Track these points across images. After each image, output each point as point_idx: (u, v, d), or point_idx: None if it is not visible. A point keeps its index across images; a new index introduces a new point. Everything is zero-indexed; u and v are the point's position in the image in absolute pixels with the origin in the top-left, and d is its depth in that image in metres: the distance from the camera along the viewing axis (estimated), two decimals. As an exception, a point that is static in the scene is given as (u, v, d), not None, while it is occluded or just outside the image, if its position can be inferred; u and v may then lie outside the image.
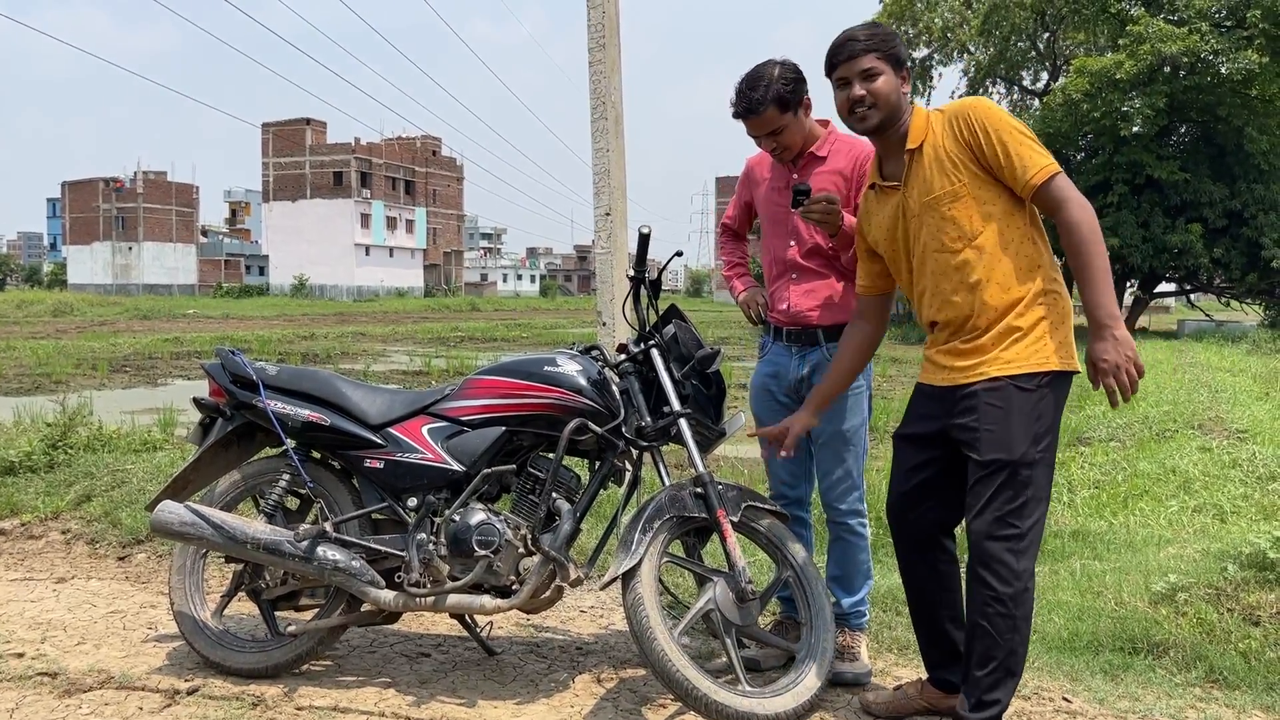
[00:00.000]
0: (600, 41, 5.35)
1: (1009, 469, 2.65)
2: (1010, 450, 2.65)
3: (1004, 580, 2.64)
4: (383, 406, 3.38)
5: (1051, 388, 2.69)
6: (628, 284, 3.37)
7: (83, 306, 41.74)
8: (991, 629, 2.67)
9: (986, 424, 2.68)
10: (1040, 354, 2.68)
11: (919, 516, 2.94)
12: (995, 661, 2.67)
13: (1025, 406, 2.66)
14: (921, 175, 2.76)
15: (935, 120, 2.76)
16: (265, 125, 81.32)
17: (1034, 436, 2.66)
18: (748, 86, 3.23)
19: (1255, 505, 6.15)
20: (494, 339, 26.36)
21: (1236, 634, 3.60)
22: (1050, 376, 2.69)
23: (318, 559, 3.20)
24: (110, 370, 15.86)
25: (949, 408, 2.78)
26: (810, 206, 3.05)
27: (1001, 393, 2.67)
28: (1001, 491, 2.66)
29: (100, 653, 3.53)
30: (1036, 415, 2.66)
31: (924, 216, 2.77)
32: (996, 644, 2.67)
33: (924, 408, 2.90)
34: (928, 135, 2.76)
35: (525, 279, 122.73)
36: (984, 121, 2.66)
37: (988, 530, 2.67)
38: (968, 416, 2.72)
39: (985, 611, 2.67)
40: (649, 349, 3.27)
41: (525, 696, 3.20)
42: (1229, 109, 25.02)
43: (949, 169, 2.71)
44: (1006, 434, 2.65)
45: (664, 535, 3.03)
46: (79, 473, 5.77)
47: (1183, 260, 26.40)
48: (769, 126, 3.25)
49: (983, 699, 2.69)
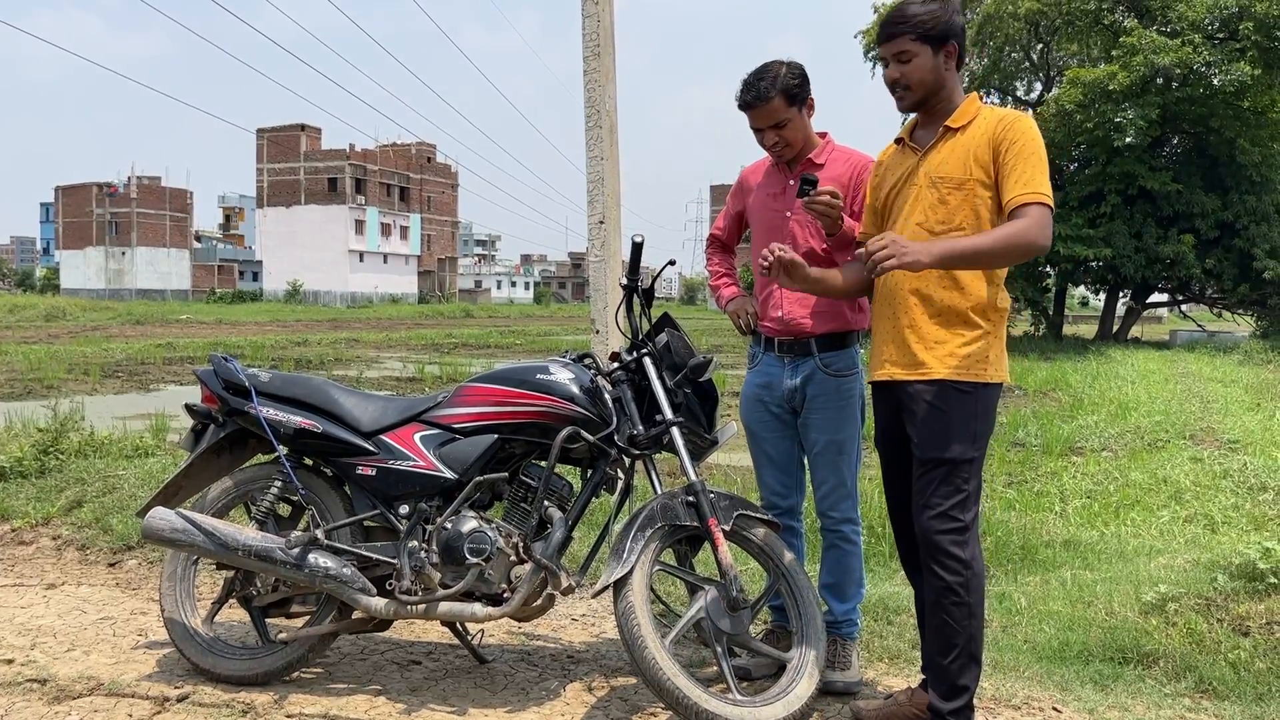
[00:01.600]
0: (595, 50, 5.37)
1: (947, 466, 2.77)
2: (946, 449, 2.77)
3: (953, 570, 2.76)
4: (375, 413, 3.38)
5: (986, 397, 2.82)
6: (621, 292, 3.38)
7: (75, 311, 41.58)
8: (949, 619, 2.78)
9: (926, 422, 2.81)
10: (977, 364, 2.80)
11: (907, 516, 3.00)
12: (957, 649, 2.79)
13: (963, 410, 2.78)
14: (944, 153, 2.83)
15: (986, 115, 2.81)
16: (260, 131, 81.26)
17: (970, 439, 2.78)
18: (756, 77, 3.27)
19: (1246, 515, 6.17)
20: (488, 346, 26.33)
21: (1226, 644, 3.61)
22: (984, 386, 2.81)
23: (309, 566, 3.19)
24: (102, 375, 15.81)
25: (895, 404, 2.91)
26: (816, 196, 3.04)
27: (941, 394, 2.79)
28: (940, 488, 2.78)
29: (90, 659, 3.52)
30: (972, 419, 2.79)
31: (925, 190, 2.84)
32: (956, 631, 2.78)
33: (880, 407, 3.02)
34: (971, 122, 2.81)
35: (520, 286, 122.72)
36: (1017, 133, 2.74)
37: (931, 525, 2.79)
38: (907, 413, 2.85)
39: (941, 603, 2.80)
40: (641, 357, 3.28)
41: (516, 704, 3.20)
42: (1221, 120, 25.11)
43: (969, 160, 2.78)
44: (944, 434, 2.78)
45: (656, 544, 3.03)
46: (70, 478, 5.76)
47: (1175, 271, 26.45)
48: (774, 118, 3.27)
49: (953, 685, 2.81)
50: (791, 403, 3.40)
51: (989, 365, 2.81)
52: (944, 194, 2.80)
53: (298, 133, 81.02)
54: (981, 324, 2.81)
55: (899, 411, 2.91)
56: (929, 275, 2.81)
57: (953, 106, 2.86)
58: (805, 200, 3.07)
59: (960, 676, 2.80)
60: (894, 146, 3.03)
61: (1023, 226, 2.65)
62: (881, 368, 2.94)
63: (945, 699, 2.81)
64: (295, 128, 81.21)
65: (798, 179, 3.37)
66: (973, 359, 2.79)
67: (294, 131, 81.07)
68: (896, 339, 2.89)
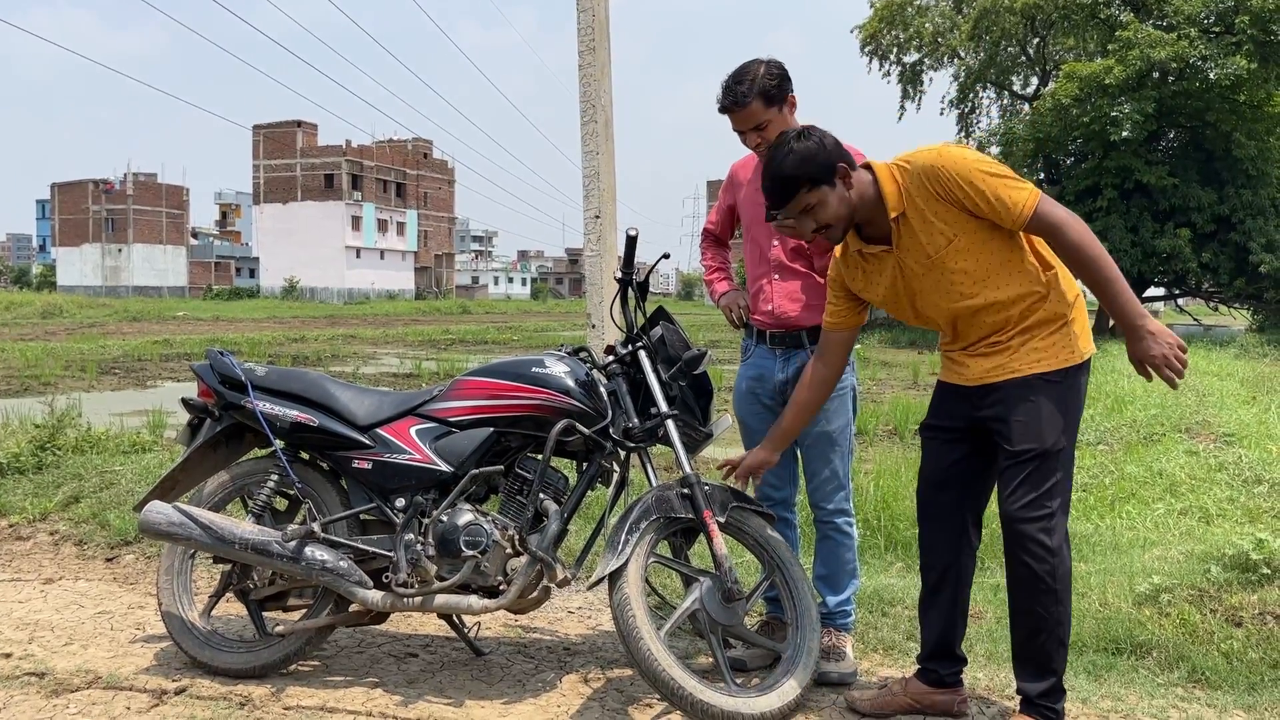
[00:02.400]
0: (590, 45, 5.37)
1: (1040, 457, 2.75)
2: (1041, 440, 2.75)
3: (1040, 559, 2.75)
4: (371, 407, 3.39)
5: (1074, 378, 2.80)
6: (616, 286, 3.39)
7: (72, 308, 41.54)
8: (1038, 606, 2.78)
9: (1017, 416, 2.78)
10: (1063, 350, 2.78)
11: (949, 501, 3.01)
12: (1045, 634, 2.79)
13: (1052, 398, 2.77)
14: (914, 237, 2.78)
15: (905, 179, 2.75)
16: (256, 127, 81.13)
17: (1061, 425, 2.77)
18: (734, 81, 3.26)
19: (1241, 508, 6.19)
20: (485, 341, 26.33)
21: (1219, 635, 3.63)
22: (1072, 369, 2.79)
23: (305, 559, 3.21)
24: (99, 372, 15.80)
25: (977, 402, 2.88)
26: None
27: (1030, 387, 2.77)
28: (1031, 476, 2.76)
29: (88, 653, 3.53)
30: (1063, 406, 2.78)
31: (929, 275, 2.82)
32: (1044, 618, 2.78)
33: (951, 404, 2.99)
34: (906, 199, 2.76)
35: (516, 282, 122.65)
36: (955, 178, 2.67)
37: (1019, 514, 2.77)
38: (998, 408, 2.82)
39: (1029, 590, 2.79)
40: (636, 350, 3.29)
41: (512, 696, 3.21)
42: (1217, 114, 25.15)
43: (939, 225, 2.74)
44: (1037, 425, 2.76)
45: (651, 536, 3.05)
46: (67, 474, 5.76)
47: (1171, 265, 26.51)
48: (753, 121, 3.27)
49: (1042, 667, 2.82)
50: (784, 395, 3.41)
51: (1073, 349, 2.78)
52: (950, 264, 2.76)
53: (294, 129, 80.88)
54: (1040, 314, 2.78)
55: (975, 408, 2.87)
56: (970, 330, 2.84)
57: (879, 202, 2.78)
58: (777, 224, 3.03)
59: (1051, 660, 2.80)
60: (854, 256, 2.96)
61: (1074, 236, 2.65)
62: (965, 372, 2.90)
63: (1034, 681, 2.82)
64: (291, 124, 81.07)
65: None
66: (1057, 347, 2.77)
67: (290, 128, 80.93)
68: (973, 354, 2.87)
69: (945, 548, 3.04)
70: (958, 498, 3.00)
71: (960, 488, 2.99)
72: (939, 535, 3.05)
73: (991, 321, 2.81)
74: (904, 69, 33.57)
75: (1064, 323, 2.80)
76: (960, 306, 2.82)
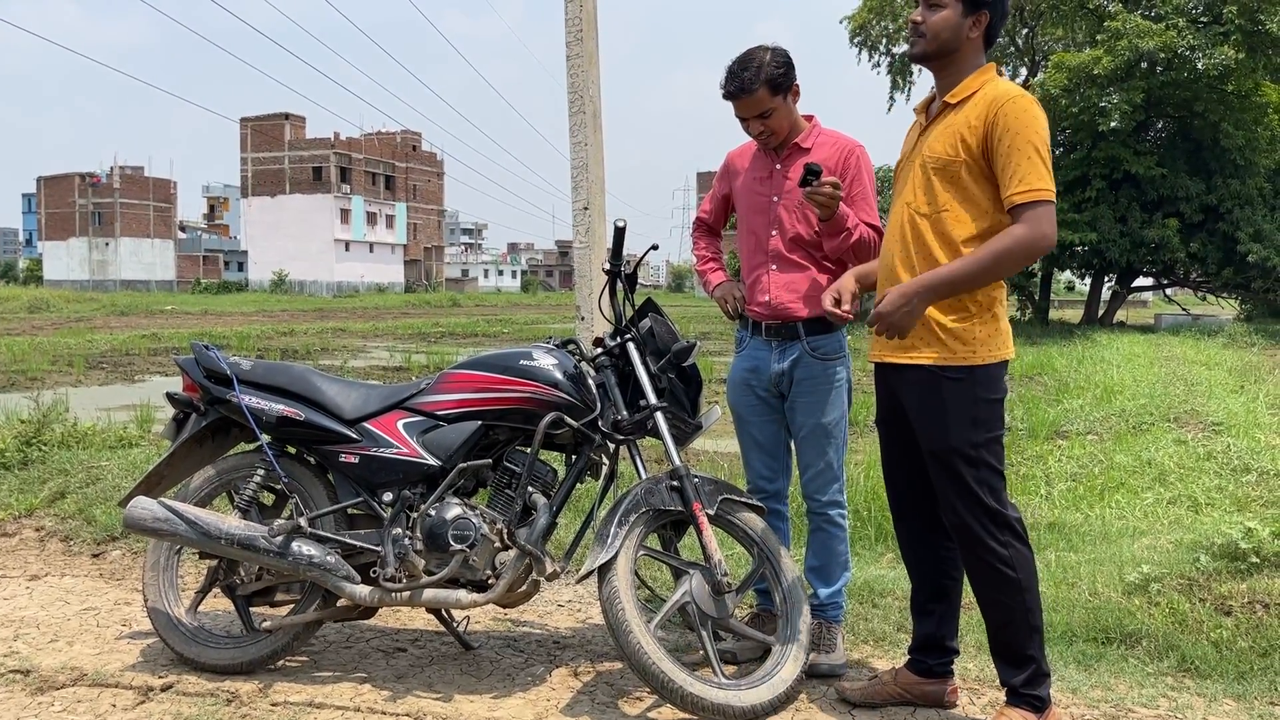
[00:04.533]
0: (578, 35, 5.34)
1: (950, 456, 2.72)
2: (948, 439, 2.72)
3: (993, 554, 2.73)
4: (358, 401, 3.36)
5: (982, 377, 2.74)
6: (605, 278, 3.37)
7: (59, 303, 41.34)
8: (1002, 597, 2.76)
9: (921, 415, 2.77)
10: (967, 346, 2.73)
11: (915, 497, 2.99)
12: (1015, 623, 2.77)
13: (958, 397, 2.72)
14: (938, 130, 2.77)
15: (984, 92, 2.71)
16: (244, 120, 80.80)
17: (973, 422, 2.72)
18: (739, 67, 3.24)
19: (1229, 497, 6.21)
20: (475, 334, 26.27)
21: (1208, 624, 3.64)
22: (979, 369, 2.74)
23: (293, 554, 3.18)
24: (87, 367, 15.71)
25: (894, 385, 2.87)
26: (819, 187, 3.03)
27: (934, 383, 2.74)
28: (952, 479, 2.74)
29: (73, 650, 3.51)
30: (971, 403, 2.72)
31: (917, 169, 2.80)
32: (1010, 608, 2.76)
33: (880, 386, 2.98)
34: (969, 99, 2.72)
35: (506, 274, 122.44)
36: (1011, 119, 2.62)
37: (956, 519, 2.76)
38: (909, 404, 2.81)
39: (988, 584, 2.77)
40: (625, 343, 3.27)
41: (502, 690, 3.20)
42: (1206, 104, 25.20)
43: (956, 142, 2.70)
44: (943, 424, 2.73)
45: (640, 529, 3.04)
46: (53, 470, 5.72)
47: (1160, 255, 26.57)
48: (759, 108, 3.25)
49: (1019, 655, 2.79)
50: (779, 387, 3.40)
51: (979, 345, 2.73)
52: (930, 175, 2.75)
53: (282, 121, 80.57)
54: (969, 307, 2.73)
55: (897, 394, 2.88)
56: (914, 258, 2.77)
57: (960, 79, 2.76)
58: (808, 191, 3.04)
59: (1025, 647, 2.77)
60: (918, 119, 2.96)
61: (1016, 238, 2.58)
62: (875, 349, 2.91)
63: (1013, 672, 2.80)
64: (279, 116, 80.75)
65: (784, 164, 3.37)
66: (959, 342, 2.72)
67: (278, 120, 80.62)
68: None
69: (921, 544, 3.02)
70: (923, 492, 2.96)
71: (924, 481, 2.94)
72: (913, 533, 3.03)
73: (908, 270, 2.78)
74: (894, 60, 33.50)
75: (967, 315, 2.74)
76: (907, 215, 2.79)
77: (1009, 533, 2.74)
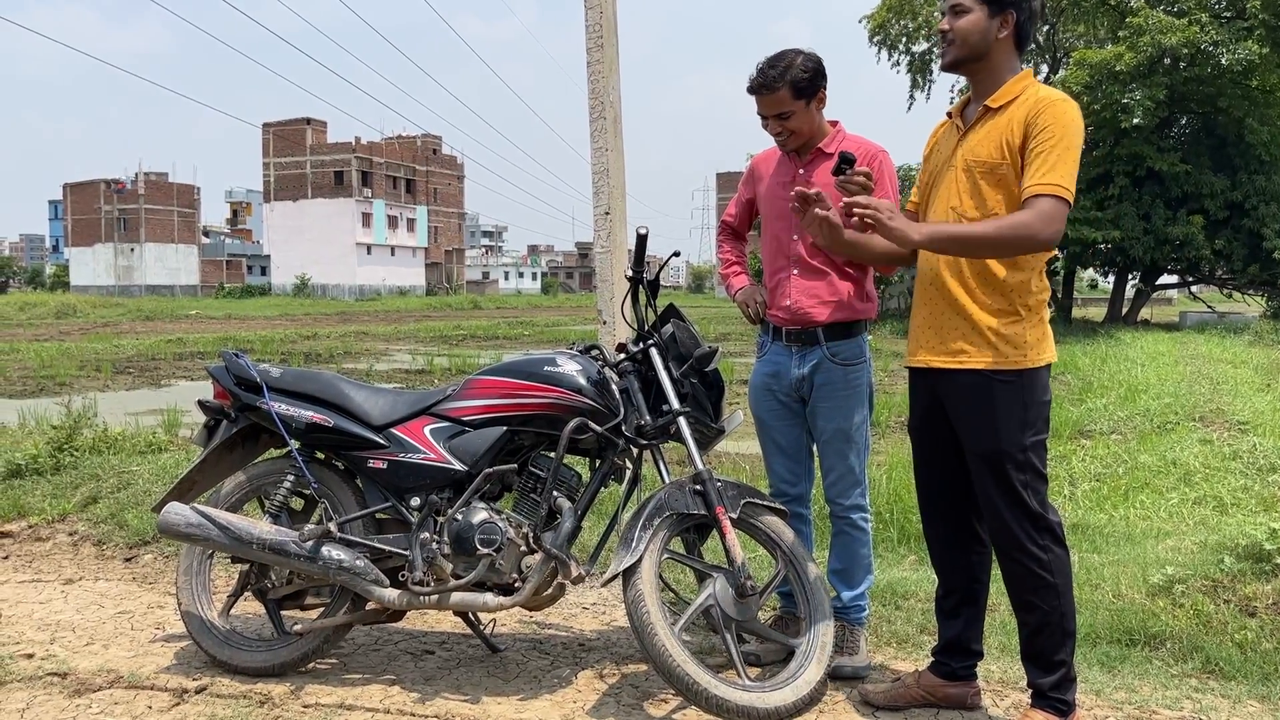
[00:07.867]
0: (599, 42, 5.38)
1: (999, 458, 2.73)
2: (998, 441, 2.72)
3: (1031, 557, 2.75)
4: (385, 407, 3.41)
5: (1031, 380, 2.75)
6: (627, 283, 3.40)
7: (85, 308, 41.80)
8: (1037, 600, 2.77)
9: (970, 417, 2.77)
10: (1018, 349, 2.74)
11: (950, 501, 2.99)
12: (1049, 627, 2.77)
13: (1008, 399, 2.73)
14: (981, 134, 2.77)
15: (1027, 95, 2.72)
16: (265, 125, 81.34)
17: (1022, 425, 2.72)
18: (768, 65, 3.28)
19: (1255, 497, 6.17)
20: (496, 337, 26.37)
21: (1233, 625, 3.63)
22: (1029, 371, 2.75)
23: (322, 559, 3.23)
24: (114, 372, 15.91)
25: (939, 390, 2.86)
26: (853, 175, 3.03)
27: (985, 385, 2.74)
28: (999, 481, 2.74)
29: (109, 653, 3.57)
30: (1022, 405, 2.73)
31: (960, 173, 2.80)
32: (1045, 612, 2.77)
33: (918, 391, 2.98)
34: (1012, 102, 2.73)
35: (527, 277, 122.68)
36: (1050, 118, 2.64)
37: (998, 523, 2.77)
38: (955, 406, 2.81)
39: (1025, 588, 2.78)
40: (648, 348, 3.30)
41: (528, 693, 3.24)
42: (1229, 100, 24.97)
43: (1002, 144, 2.71)
44: (993, 426, 2.73)
45: (664, 532, 3.06)
46: (85, 475, 5.81)
47: (1184, 252, 26.34)
48: (779, 108, 3.28)
49: (1050, 660, 2.80)
50: (800, 391, 3.42)
51: (1029, 349, 2.74)
52: (977, 179, 2.75)
53: (303, 126, 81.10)
54: (1020, 311, 2.74)
55: (937, 398, 2.87)
56: (962, 262, 2.78)
57: (998, 83, 2.77)
58: (841, 180, 3.04)
59: (1057, 652, 2.78)
60: (946, 122, 2.98)
61: (1023, 219, 2.60)
62: (918, 354, 2.91)
63: (1044, 674, 2.81)
64: (300, 121, 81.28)
65: (807, 169, 3.39)
66: (1011, 345, 2.73)
67: (299, 125, 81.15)
68: (934, 324, 2.85)
69: (953, 549, 3.03)
70: (957, 496, 2.98)
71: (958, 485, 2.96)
72: (944, 536, 3.04)
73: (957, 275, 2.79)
74: (913, 58, 33.36)
75: (1018, 319, 2.75)
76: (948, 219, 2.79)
77: (1049, 536, 2.75)
